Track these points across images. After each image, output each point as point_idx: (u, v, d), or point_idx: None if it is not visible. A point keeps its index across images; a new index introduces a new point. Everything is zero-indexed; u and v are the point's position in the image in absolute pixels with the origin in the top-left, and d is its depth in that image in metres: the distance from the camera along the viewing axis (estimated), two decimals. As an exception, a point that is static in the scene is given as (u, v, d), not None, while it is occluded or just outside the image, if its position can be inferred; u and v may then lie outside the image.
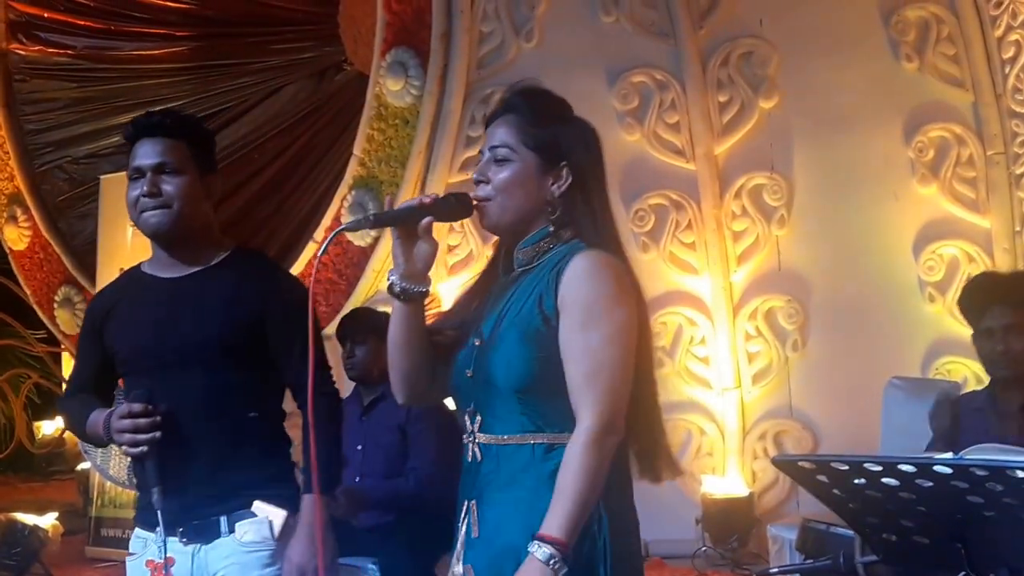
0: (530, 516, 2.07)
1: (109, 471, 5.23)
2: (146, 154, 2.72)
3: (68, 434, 9.54)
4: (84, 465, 7.92)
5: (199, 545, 2.64)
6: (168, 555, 2.60)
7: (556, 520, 2.00)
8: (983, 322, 3.30)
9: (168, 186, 2.70)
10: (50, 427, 10.81)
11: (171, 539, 2.62)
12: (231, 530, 2.64)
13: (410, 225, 2.17)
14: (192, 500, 2.61)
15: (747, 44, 6.42)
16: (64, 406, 2.94)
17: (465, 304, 2.34)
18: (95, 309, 2.90)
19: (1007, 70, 5.71)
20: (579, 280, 2.12)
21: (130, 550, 2.78)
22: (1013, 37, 5.61)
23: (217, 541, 2.64)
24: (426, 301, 2.25)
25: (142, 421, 2.56)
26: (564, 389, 2.11)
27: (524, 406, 2.14)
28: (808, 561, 3.40)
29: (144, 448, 2.57)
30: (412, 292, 2.20)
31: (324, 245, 2.47)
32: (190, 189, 2.72)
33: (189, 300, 2.71)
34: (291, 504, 2.68)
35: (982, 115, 5.90)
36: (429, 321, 2.30)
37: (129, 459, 5.01)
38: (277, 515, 2.66)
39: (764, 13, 6.41)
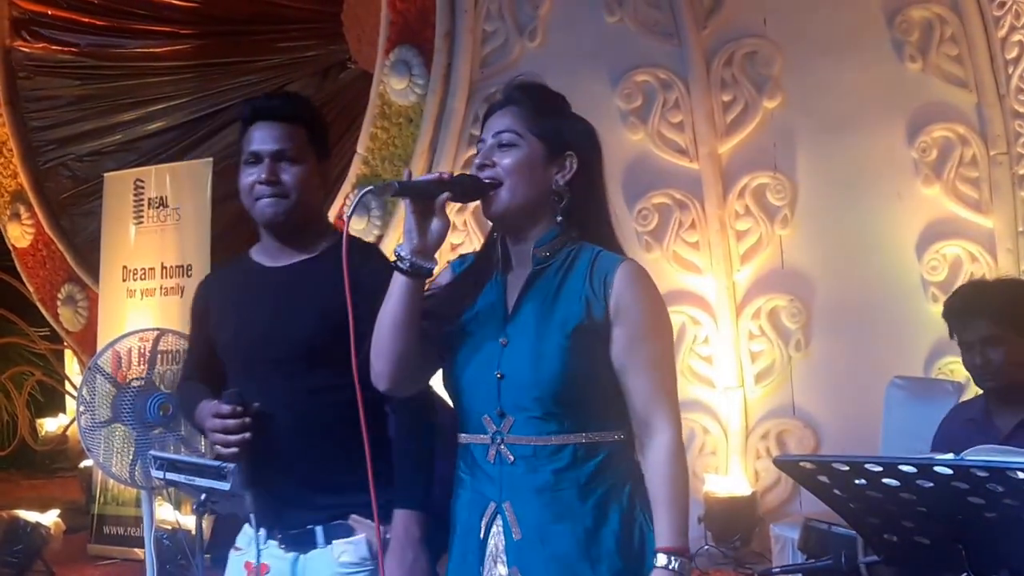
0: (577, 518, 2.12)
1: (112, 468, 5.21)
2: (264, 139, 2.62)
3: (71, 431, 9.57)
4: (87, 462, 7.93)
5: (297, 554, 2.57)
6: (263, 562, 2.54)
7: (669, 529, 2.09)
8: (963, 335, 3.27)
9: (286, 175, 2.61)
10: (53, 424, 10.86)
11: (272, 542, 2.57)
12: (328, 542, 2.55)
13: (427, 200, 2.15)
14: (283, 506, 2.53)
15: (751, 44, 6.42)
16: (177, 392, 2.88)
17: (455, 298, 2.30)
18: (201, 295, 2.83)
19: (1010, 70, 5.70)
20: (635, 292, 2.16)
21: (236, 543, 2.70)
22: (1016, 38, 5.60)
23: (314, 552, 2.56)
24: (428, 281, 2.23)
25: (231, 422, 2.48)
26: (605, 391, 2.15)
27: (566, 407, 2.14)
28: (810, 561, 3.40)
29: (235, 450, 2.50)
30: (421, 268, 2.17)
31: (352, 206, 2.38)
32: (308, 178, 2.64)
33: (285, 296, 2.61)
34: (386, 513, 2.49)
35: (985, 115, 5.89)
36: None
37: (132, 456, 5.05)
38: (374, 532, 2.48)
39: (768, 13, 6.41)
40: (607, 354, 2.15)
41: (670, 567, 2.05)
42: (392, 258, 2.21)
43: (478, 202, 2.26)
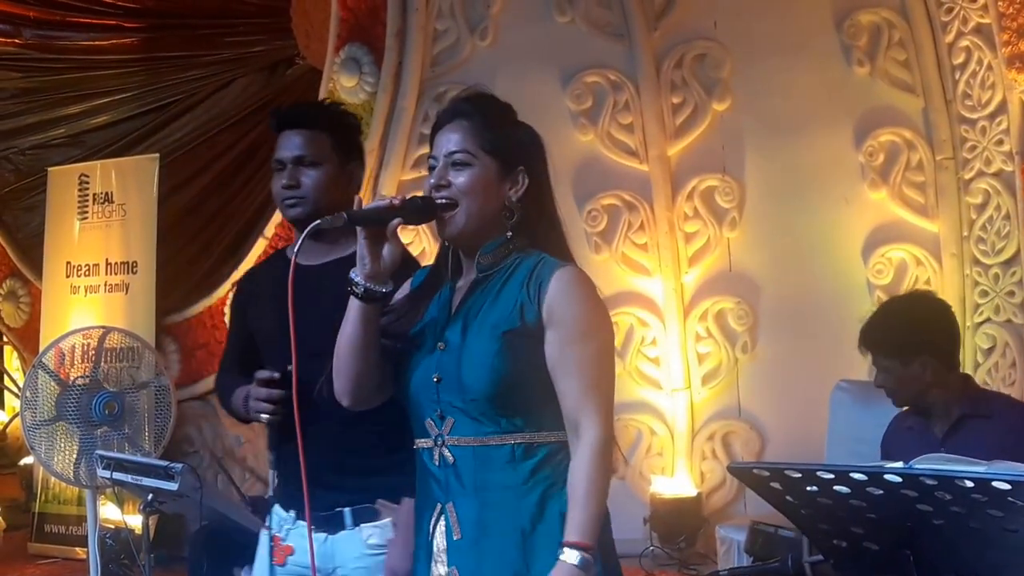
0: (514, 516, 2.16)
1: (55, 467, 5.15)
2: (286, 146, 2.81)
3: (11, 428, 9.42)
4: (27, 460, 7.82)
5: (325, 534, 2.68)
6: (289, 543, 2.70)
7: (579, 526, 2.09)
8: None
9: (307, 178, 2.78)
10: (-8, 421, 10.67)
11: (301, 523, 2.66)
12: (355, 524, 2.70)
13: (379, 226, 2.19)
14: (315, 489, 2.53)
15: (701, 46, 6.44)
16: (216, 384, 3.04)
17: (411, 307, 2.34)
18: (242, 288, 3.06)
19: (957, 76, 5.76)
20: (567, 296, 2.18)
21: (267, 523, 2.85)
22: (963, 43, 5.66)
23: (342, 533, 2.70)
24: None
25: (275, 392, 2.67)
26: (541, 392, 2.17)
27: (502, 408, 2.17)
28: (758, 563, 3.42)
29: (276, 416, 2.67)
30: (375, 293, 2.21)
31: (298, 243, 2.36)
32: (328, 181, 2.80)
33: (317, 293, 2.66)
34: (395, 498, 2.68)
35: (932, 120, 5.95)
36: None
37: (77, 455, 4.99)
38: (399, 514, 2.66)
39: (718, 16, 6.44)
40: (542, 357, 2.18)
41: (568, 559, 2.06)
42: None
43: None
